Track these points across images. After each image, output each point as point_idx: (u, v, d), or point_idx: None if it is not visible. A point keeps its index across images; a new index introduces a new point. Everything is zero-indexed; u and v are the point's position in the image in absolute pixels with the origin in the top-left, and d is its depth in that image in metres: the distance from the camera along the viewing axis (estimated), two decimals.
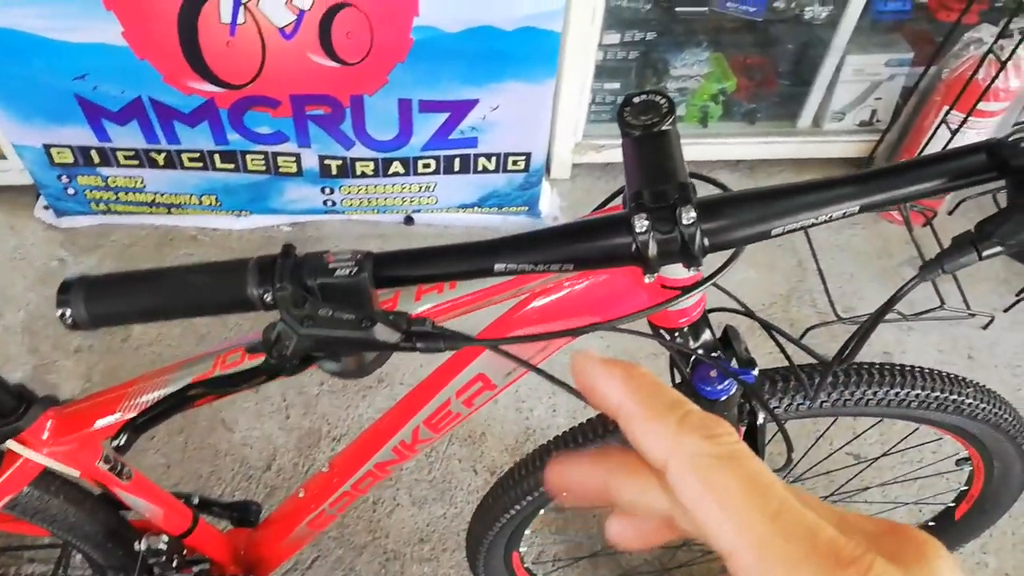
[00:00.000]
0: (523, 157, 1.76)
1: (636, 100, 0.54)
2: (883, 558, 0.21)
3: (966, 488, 1.12)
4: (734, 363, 0.71)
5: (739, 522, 0.22)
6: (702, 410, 0.25)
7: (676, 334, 0.69)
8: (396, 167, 1.72)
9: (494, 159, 1.75)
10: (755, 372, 0.72)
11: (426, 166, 1.74)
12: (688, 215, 0.46)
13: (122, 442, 0.53)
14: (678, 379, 0.73)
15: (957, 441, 0.99)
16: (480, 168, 1.77)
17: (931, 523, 1.21)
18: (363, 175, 1.73)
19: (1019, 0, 1.57)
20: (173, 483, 1.53)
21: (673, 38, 1.93)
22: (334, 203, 1.81)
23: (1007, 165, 0.44)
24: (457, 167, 1.76)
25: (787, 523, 0.22)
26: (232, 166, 1.70)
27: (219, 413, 1.65)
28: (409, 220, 1.95)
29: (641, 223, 0.47)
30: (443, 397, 0.78)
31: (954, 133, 1.76)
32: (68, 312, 0.49)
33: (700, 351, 0.69)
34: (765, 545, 0.22)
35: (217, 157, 1.67)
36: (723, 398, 0.70)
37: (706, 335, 0.69)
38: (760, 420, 0.77)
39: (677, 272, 0.64)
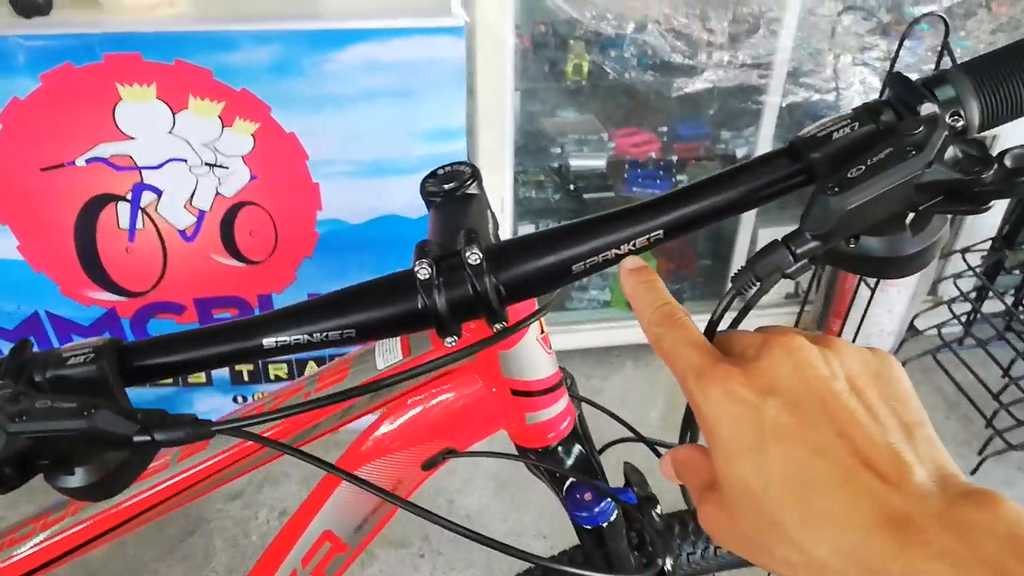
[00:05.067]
0: None
1: (440, 172, 0.52)
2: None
3: None
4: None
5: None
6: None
7: (544, 453, 0.60)
8: (311, 366, 1.65)
9: None
10: (658, 508, 0.62)
11: None
12: (473, 255, 0.40)
13: None
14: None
15: None
16: None
17: None
18: (277, 379, 1.65)
19: None
20: None
21: None
22: None
23: (807, 158, 0.39)
24: None
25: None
26: None
27: None
28: None
29: (424, 271, 0.41)
30: (287, 570, 0.65)
31: (873, 291, 1.77)
32: None
33: (572, 470, 0.59)
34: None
35: None
36: (603, 523, 0.59)
37: (577, 451, 0.60)
38: (667, 567, 0.65)
39: (525, 372, 0.57)
